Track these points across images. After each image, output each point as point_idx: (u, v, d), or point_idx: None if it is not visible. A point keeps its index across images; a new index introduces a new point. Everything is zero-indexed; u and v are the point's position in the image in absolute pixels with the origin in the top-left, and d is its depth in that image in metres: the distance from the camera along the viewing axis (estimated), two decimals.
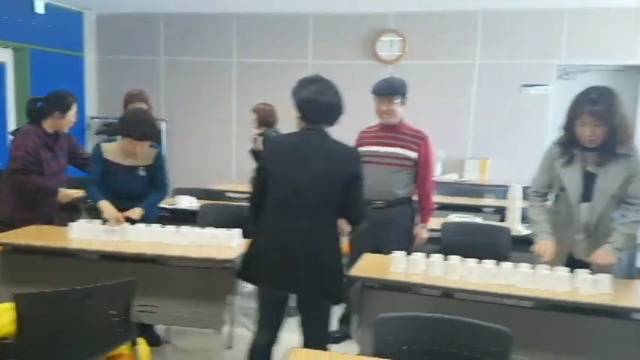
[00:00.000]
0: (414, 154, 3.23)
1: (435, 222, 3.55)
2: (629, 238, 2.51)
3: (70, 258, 3.03)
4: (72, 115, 3.49)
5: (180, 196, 4.11)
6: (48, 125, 3.45)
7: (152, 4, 6.65)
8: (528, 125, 6.22)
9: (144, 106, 4.11)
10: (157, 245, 2.95)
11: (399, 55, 6.50)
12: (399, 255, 2.64)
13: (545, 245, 2.61)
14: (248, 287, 4.02)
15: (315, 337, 2.43)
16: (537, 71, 6.22)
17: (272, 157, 2.44)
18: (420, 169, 3.27)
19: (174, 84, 7.23)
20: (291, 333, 2.61)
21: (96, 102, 7.40)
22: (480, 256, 2.62)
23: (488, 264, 2.53)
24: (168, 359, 3.37)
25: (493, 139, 6.42)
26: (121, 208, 3.10)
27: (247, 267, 2.46)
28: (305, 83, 2.46)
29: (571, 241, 2.63)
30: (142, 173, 3.25)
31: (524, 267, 2.49)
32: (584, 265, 2.54)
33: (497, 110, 6.39)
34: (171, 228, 3.02)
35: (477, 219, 3.97)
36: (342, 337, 3.57)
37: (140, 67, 7.25)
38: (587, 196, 2.55)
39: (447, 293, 2.59)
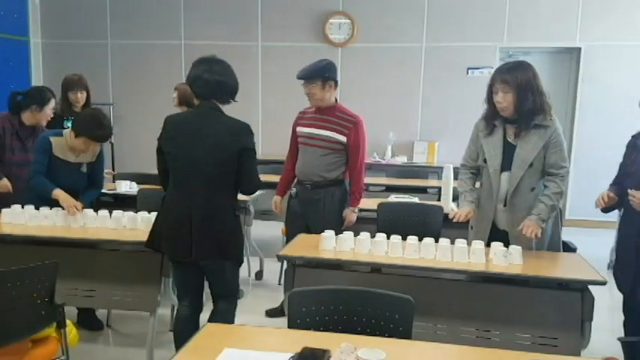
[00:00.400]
0: (343, 138, 3.29)
1: (374, 203, 3.65)
2: (553, 209, 2.65)
3: (2, 244, 3.02)
4: (49, 109, 3.61)
5: (120, 181, 4.09)
6: (26, 117, 3.57)
7: None
8: (474, 107, 6.34)
9: (84, 93, 4.07)
10: (90, 230, 2.98)
11: (348, 37, 6.57)
12: (328, 234, 2.73)
13: (461, 210, 2.75)
14: None
15: (224, 292, 2.65)
16: (481, 54, 6.39)
17: (167, 136, 2.56)
18: (349, 153, 3.33)
19: (122, 67, 7.14)
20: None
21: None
22: (414, 234, 2.70)
23: (411, 240, 2.64)
24: (110, 343, 3.40)
25: (441, 122, 6.58)
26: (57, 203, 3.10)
27: (153, 238, 2.60)
28: (197, 62, 2.59)
29: (493, 211, 2.76)
30: (84, 170, 3.29)
31: (444, 242, 2.61)
32: (506, 235, 2.69)
33: (445, 93, 6.54)
34: (103, 212, 3.04)
35: (416, 199, 4.09)
36: (278, 312, 3.69)
37: (87, 51, 7.12)
38: (506, 165, 2.69)
39: (375, 269, 2.70)
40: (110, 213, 3.05)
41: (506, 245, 2.58)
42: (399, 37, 6.53)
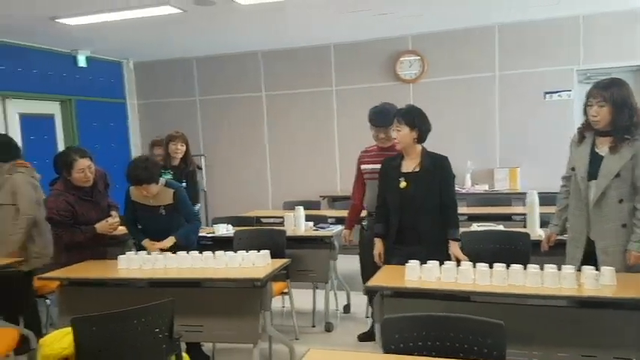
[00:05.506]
0: None
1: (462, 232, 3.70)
2: None
3: (120, 287, 3.39)
4: (78, 169, 3.60)
5: (218, 225, 4.43)
6: (74, 181, 3.65)
7: (185, 49, 7.16)
8: (554, 130, 6.29)
9: (183, 145, 4.60)
10: (196, 270, 3.27)
11: (419, 73, 6.73)
12: (412, 264, 2.83)
13: (544, 239, 3.02)
14: (287, 306, 4.30)
15: None
16: (558, 78, 6.32)
17: None
18: None
19: (210, 121, 7.71)
20: None
21: (140, 144, 7.94)
22: (502, 262, 2.73)
23: (498, 267, 2.68)
24: None
25: (521, 148, 6.52)
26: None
27: None
28: None
29: (586, 217, 2.86)
30: (163, 212, 3.64)
31: (532, 268, 2.63)
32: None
33: (523, 118, 6.50)
34: (207, 254, 3.32)
35: (501, 227, 4.08)
36: (368, 336, 3.90)
37: (177, 108, 7.78)
38: (592, 174, 2.80)
39: (463, 297, 2.76)
40: (213, 252, 3.33)
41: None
42: (471, 69, 6.60)
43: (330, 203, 6.62)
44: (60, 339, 2.30)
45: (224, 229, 4.38)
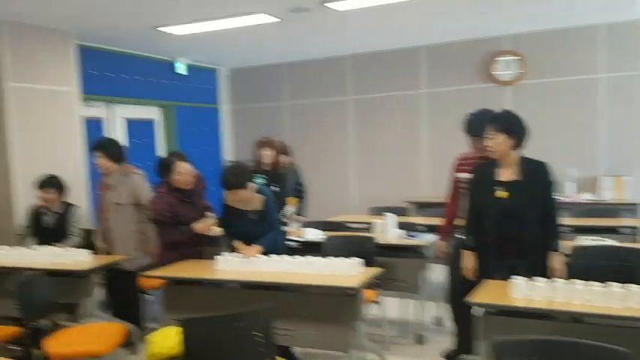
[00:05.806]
0: None
1: (566, 246, 3.45)
2: None
3: (215, 287, 3.49)
4: (177, 172, 3.84)
5: (307, 229, 4.44)
6: (174, 183, 3.87)
7: (277, 55, 7.31)
8: None
9: (270, 151, 4.65)
10: (289, 274, 3.28)
11: (518, 75, 6.42)
12: (519, 280, 2.67)
13: None
14: (375, 314, 4.24)
15: None
16: None
17: None
18: None
19: (299, 125, 7.82)
20: None
21: (234, 147, 8.20)
22: (616, 281, 2.54)
23: (615, 287, 2.47)
24: None
25: (629, 154, 6.05)
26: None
27: None
28: None
29: None
30: (253, 217, 3.69)
31: None
32: None
33: (630, 123, 6.03)
34: (300, 259, 3.34)
35: (609, 241, 3.78)
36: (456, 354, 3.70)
37: (269, 113, 7.95)
38: None
39: (576, 319, 2.56)
40: (306, 257, 3.35)
41: None
42: (573, 70, 6.20)
43: (417, 209, 6.46)
44: (168, 338, 2.38)
45: (313, 234, 4.38)
